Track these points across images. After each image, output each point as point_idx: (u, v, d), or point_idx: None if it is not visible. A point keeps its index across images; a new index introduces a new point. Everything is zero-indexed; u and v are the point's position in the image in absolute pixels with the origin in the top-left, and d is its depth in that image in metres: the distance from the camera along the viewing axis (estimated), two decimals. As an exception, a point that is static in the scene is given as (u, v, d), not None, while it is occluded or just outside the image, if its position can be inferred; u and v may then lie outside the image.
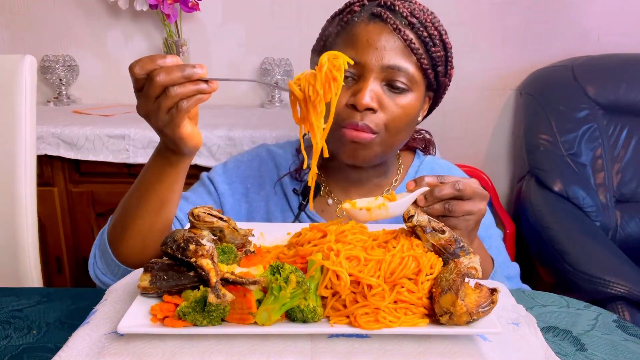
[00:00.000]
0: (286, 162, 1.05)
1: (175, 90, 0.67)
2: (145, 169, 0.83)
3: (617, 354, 0.67)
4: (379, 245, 0.69)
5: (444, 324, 0.62)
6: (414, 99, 0.91)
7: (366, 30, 0.89)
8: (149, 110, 0.69)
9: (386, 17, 0.89)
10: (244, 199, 1.03)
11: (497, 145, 2.29)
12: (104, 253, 0.88)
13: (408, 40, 0.89)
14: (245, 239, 0.76)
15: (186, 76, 0.67)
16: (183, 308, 0.60)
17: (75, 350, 0.59)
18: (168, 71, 0.66)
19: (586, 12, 2.12)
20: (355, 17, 0.92)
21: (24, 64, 1.13)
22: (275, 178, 1.04)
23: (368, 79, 0.88)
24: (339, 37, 0.93)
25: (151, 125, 0.73)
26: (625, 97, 1.92)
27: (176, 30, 2.05)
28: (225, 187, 1.02)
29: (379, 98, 0.89)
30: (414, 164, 1.07)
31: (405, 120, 0.91)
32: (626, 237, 1.87)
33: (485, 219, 1.00)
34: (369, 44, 0.88)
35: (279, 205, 1.02)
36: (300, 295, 0.61)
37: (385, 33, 0.89)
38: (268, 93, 2.18)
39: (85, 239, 1.93)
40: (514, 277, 0.99)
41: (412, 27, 0.90)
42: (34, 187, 1.16)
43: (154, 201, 0.81)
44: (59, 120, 1.85)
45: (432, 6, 1.02)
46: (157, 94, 0.67)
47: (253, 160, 1.07)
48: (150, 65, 0.67)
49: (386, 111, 0.89)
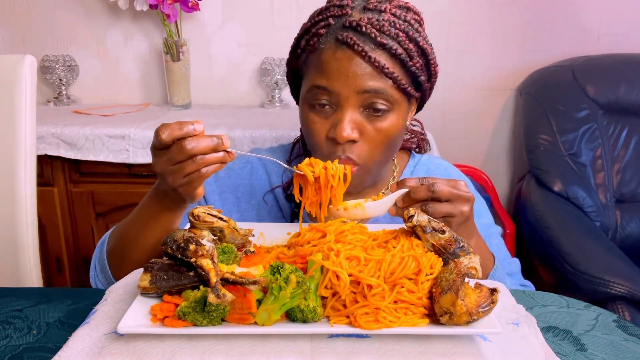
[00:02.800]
0: (278, 170, 1.04)
1: (202, 158, 0.71)
2: (141, 207, 0.84)
3: (617, 354, 0.67)
4: (379, 245, 0.69)
5: (444, 324, 0.62)
6: (395, 118, 0.87)
7: (334, 58, 0.84)
8: (168, 170, 0.73)
9: (353, 44, 0.82)
10: (236, 209, 1.02)
11: (497, 145, 2.29)
12: (103, 271, 0.90)
13: (380, 66, 0.83)
14: (245, 239, 0.76)
15: (214, 148, 0.71)
16: (183, 308, 0.60)
17: (75, 350, 0.59)
18: (198, 141, 0.70)
19: (586, 12, 2.12)
20: (321, 42, 0.86)
21: (24, 64, 1.13)
22: (266, 186, 1.03)
23: (345, 108, 0.84)
24: (309, 63, 0.89)
25: (165, 182, 0.75)
26: (625, 97, 1.92)
27: (176, 30, 2.05)
28: (216, 197, 1.02)
29: (360, 127, 0.86)
30: (410, 165, 1.06)
31: (387, 143, 0.88)
32: (626, 237, 1.87)
33: (483, 219, 1.00)
34: (339, 72, 0.83)
35: (271, 214, 1.02)
36: (300, 295, 0.61)
37: (355, 59, 0.83)
38: (268, 93, 2.18)
39: (85, 239, 1.93)
40: (515, 273, 0.99)
41: (383, 47, 0.83)
42: (34, 187, 1.16)
43: (151, 239, 0.83)
44: (59, 120, 1.85)
45: (432, 6, 1.02)
46: (183, 159, 0.71)
47: (244, 168, 1.05)
48: (179, 132, 0.70)
49: (368, 139, 0.86)
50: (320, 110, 0.87)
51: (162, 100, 2.25)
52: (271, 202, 1.02)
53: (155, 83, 2.24)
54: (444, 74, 2.17)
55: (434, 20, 2.08)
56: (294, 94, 1.00)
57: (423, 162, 1.07)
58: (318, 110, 0.88)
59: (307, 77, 0.90)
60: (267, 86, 2.15)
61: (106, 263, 0.89)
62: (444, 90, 2.16)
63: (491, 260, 0.90)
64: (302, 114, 0.91)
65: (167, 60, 2.06)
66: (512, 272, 0.99)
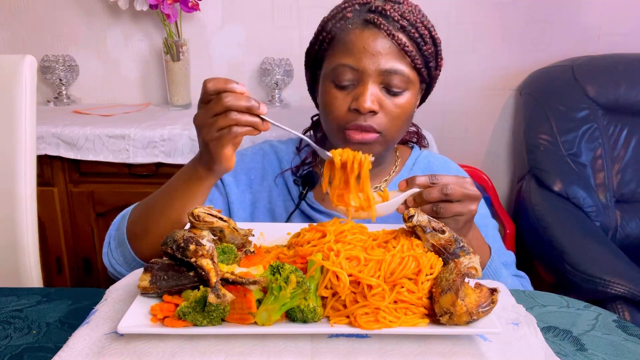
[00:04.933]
0: (288, 156, 1.11)
1: (234, 115, 0.75)
2: (174, 177, 0.90)
3: (617, 354, 0.67)
4: (379, 245, 0.70)
5: (444, 324, 0.62)
6: (410, 97, 0.96)
7: (361, 37, 0.93)
8: (204, 122, 0.77)
9: (379, 23, 0.92)
10: (248, 190, 1.08)
11: (497, 145, 2.29)
12: (121, 245, 0.92)
13: (402, 44, 0.93)
14: (245, 239, 0.76)
15: (249, 108, 0.75)
16: (183, 308, 0.60)
17: (75, 350, 0.59)
18: (236, 97, 0.75)
19: (586, 12, 2.12)
20: (348, 23, 0.95)
21: (24, 64, 1.13)
22: (278, 170, 1.09)
23: (367, 83, 0.93)
24: (334, 43, 0.97)
25: (200, 136, 0.80)
26: (625, 97, 1.92)
27: (176, 30, 2.05)
28: (230, 178, 1.07)
29: (379, 101, 0.94)
30: (412, 157, 1.12)
31: (404, 118, 0.97)
32: (626, 237, 1.87)
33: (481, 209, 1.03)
34: (365, 51, 0.92)
35: (281, 195, 1.07)
36: (300, 295, 0.61)
37: (379, 38, 0.92)
38: (268, 93, 2.18)
39: (85, 239, 1.93)
40: (510, 264, 1.02)
41: (403, 29, 0.94)
42: (34, 187, 1.16)
43: (177, 207, 0.87)
44: (59, 120, 1.85)
45: (433, 6, 1.02)
46: (219, 112, 0.75)
47: (256, 154, 1.12)
48: (223, 85, 0.75)
49: (386, 112, 0.95)
50: (343, 88, 0.95)
51: (162, 100, 2.25)
52: (281, 185, 1.08)
53: (155, 83, 2.24)
54: (444, 74, 2.15)
55: (434, 20, 2.07)
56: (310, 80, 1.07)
57: (424, 156, 1.13)
58: (341, 88, 0.95)
59: (331, 57, 0.97)
60: (267, 86, 2.15)
61: (125, 237, 0.91)
62: (444, 90, 2.16)
63: (487, 251, 0.92)
64: (324, 89, 0.98)
65: (167, 60, 2.06)
66: (507, 262, 1.02)
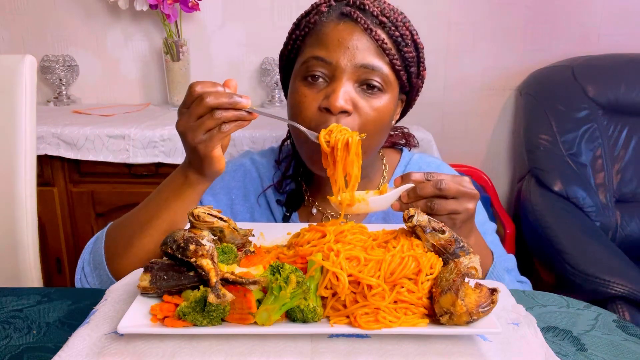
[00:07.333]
0: (269, 173, 1.04)
1: (220, 113, 0.73)
2: (160, 187, 0.85)
3: (617, 354, 0.67)
4: (379, 245, 0.69)
5: (444, 324, 0.62)
6: (387, 100, 0.88)
7: (336, 30, 0.86)
8: (189, 126, 0.75)
9: (356, 17, 0.85)
10: (229, 210, 1.02)
11: (497, 145, 2.29)
12: (97, 268, 0.88)
13: (380, 40, 0.85)
14: (245, 239, 0.76)
15: (232, 103, 0.73)
16: (183, 308, 0.60)
17: (75, 350, 0.59)
18: (217, 95, 0.72)
19: (586, 12, 2.12)
20: (323, 17, 0.89)
21: (24, 64, 1.13)
22: (259, 189, 1.03)
23: (341, 79, 0.85)
24: (308, 37, 0.90)
25: (186, 141, 0.77)
26: (625, 97, 1.92)
27: (176, 30, 2.05)
28: (209, 198, 1.02)
29: (353, 100, 0.85)
30: (401, 163, 1.04)
31: (379, 124, 0.88)
32: (626, 237, 1.87)
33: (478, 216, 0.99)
34: (339, 44, 0.85)
35: (264, 216, 1.02)
36: (300, 295, 0.61)
37: (356, 32, 0.85)
38: (268, 93, 2.18)
39: (85, 239, 1.92)
40: (512, 269, 0.99)
41: (383, 26, 0.87)
42: (34, 187, 1.16)
43: (166, 219, 0.83)
44: (59, 120, 1.85)
45: (433, 6, 1.02)
46: (202, 113, 0.73)
47: (237, 171, 1.05)
48: (210, 88, 0.73)
49: (361, 114, 0.86)
50: (314, 84, 0.87)
51: (162, 100, 2.25)
52: (264, 204, 1.03)
53: (155, 83, 2.24)
54: (444, 74, 2.17)
55: (434, 20, 2.09)
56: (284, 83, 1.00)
57: (415, 160, 1.05)
58: (311, 84, 0.87)
59: (303, 53, 0.90)
60: (267, 86, 2.15)
61: (104, 259, 0.87)
62: (444, 90, 2.16)
63: (489, 257, 0.90)
64: (293, 88, 0.90)
65: (167, 60, 2.06)
66: (509, 268, 0.99)
